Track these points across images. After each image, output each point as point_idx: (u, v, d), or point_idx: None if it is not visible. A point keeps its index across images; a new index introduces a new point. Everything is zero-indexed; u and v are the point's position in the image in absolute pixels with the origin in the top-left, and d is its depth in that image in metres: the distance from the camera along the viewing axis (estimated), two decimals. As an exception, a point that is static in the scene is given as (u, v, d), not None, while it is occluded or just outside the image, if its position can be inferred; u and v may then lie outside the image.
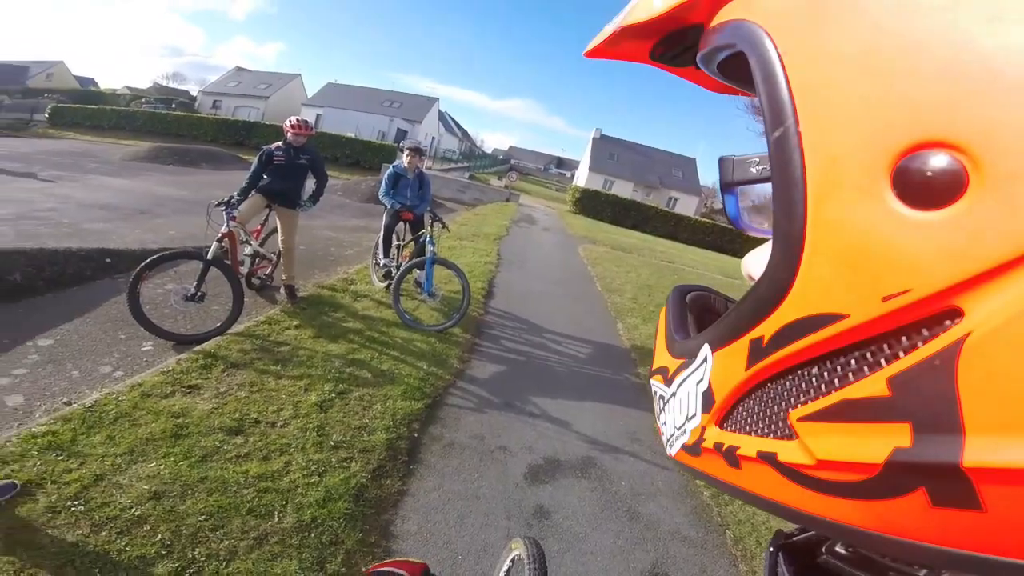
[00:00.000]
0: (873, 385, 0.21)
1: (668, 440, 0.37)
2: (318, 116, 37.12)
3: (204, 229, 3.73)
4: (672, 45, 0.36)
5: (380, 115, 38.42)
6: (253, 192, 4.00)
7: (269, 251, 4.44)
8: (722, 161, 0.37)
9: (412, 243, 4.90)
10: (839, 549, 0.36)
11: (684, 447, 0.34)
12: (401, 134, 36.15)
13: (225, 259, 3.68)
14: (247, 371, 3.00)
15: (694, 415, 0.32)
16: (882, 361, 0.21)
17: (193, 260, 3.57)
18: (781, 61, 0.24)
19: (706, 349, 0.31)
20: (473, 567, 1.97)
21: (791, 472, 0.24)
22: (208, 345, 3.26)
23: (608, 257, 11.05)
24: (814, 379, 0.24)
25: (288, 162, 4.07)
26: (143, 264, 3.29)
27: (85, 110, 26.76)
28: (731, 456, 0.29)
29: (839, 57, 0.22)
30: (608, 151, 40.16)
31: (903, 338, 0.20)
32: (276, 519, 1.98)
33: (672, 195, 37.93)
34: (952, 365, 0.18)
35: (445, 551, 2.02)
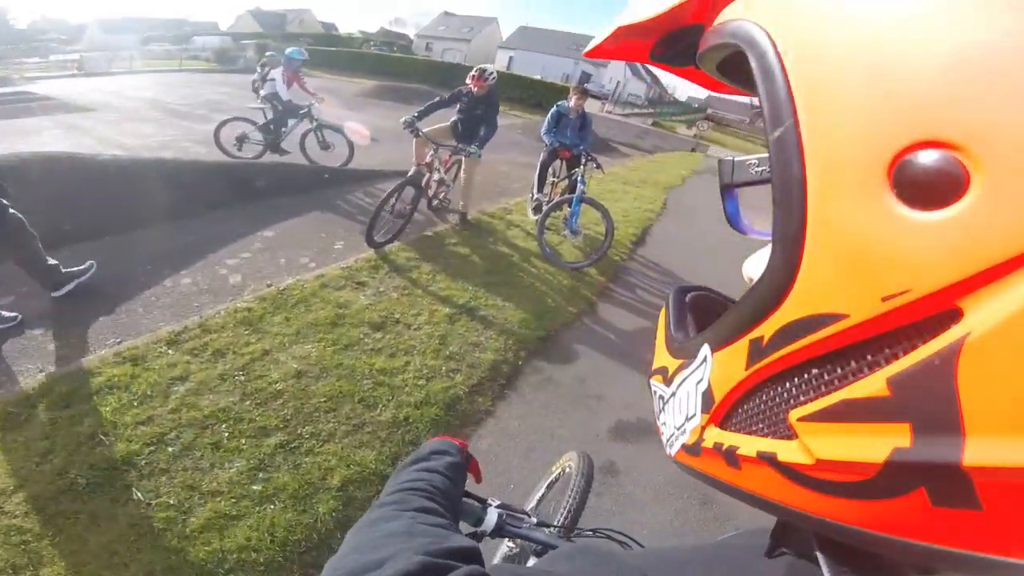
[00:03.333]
0: (873, 385, 0.21)
1: (668, 440, 0.37)
2: (510, 59, 38.49)
3: (411, 155, 4.34)
4: (672, 45, 0.36)
5: (567, 58, 38.33)
6: (423, 137, 4.29)
7: (450, 178, 4.94)
8: (721, 163, 0.37)
9: (567, 180, 4.92)
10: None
11: (684, 447, 0.34)
12: (585, 77, 35.33)
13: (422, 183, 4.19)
14: (404, 276, 3.51)
15: (694, 415, 0.33)
16: (882, 361, 0.21)
17: (414, 188, 4.08)
18: (780, 61, 0.24)
19: (706, 349, 0.31)
20: (520, 499, 1.89)
21: (791, 472, 0.25)
22: (380, 250, 3.88)
23: (801, 225, 9.33)
24: (814, 379, 0.24)
25: (467, 110, 4.39)
26: (392, 190, 3.90)
27: (327, 52, 31.84)
28: (731, 456, 0.29)
29: (839, 57, 0.22)
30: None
31: (903, 338, 0.20)
32: (378, 411, 2.27)
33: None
34: (952, 365, 0.18)
35: (502, 476, 2.09)
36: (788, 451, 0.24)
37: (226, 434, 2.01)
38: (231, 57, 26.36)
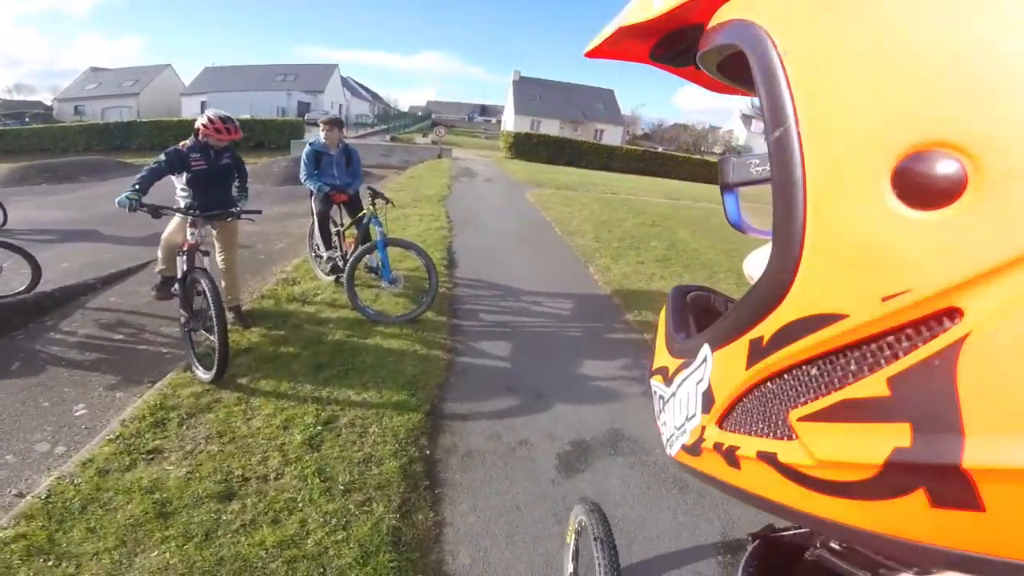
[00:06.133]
0: (873, 385, 0.21)
1: (668, 440, 0.38)
2: (203, 103, 33.56)
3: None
4: (672, 45, 0.36)
5: (275, 91, 35.50)
6: (174, 213, 3.12)
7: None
8: (722, 162, 0.37)
9: (354, 226, 4.32)
10: (833, 544, 0.38)
11: (684, 447, 0.35)
12: (303, 107, 33.48)
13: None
14: (207, 419, 2.55)
15: (694, 415, 0.33)
16: (882, 361, 0.21)
17: (208, 281, 2.89)
18: (781, 61, 0.24)
19: (706, 349, 0.31)
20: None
21: (791, 472, 0.25)
22: (151, 397, 2.73)
23: (557, 199, 10.78)
24: (814, 379, 0.24)
25: (211, 167, 3.25)
26: (183, 302, 2.93)
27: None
28: (731, 456, 0.29)
29: (839, 57, 0.22)
30: (530, 92, 39.85)
31: (903, 338, 0.20)
32: None
33: (597, 127, 38.64)
34: (952, 365, 0.18)
35: (509, 573, 1.82)
36: (788, 451, 0.25)
37: None
38: None
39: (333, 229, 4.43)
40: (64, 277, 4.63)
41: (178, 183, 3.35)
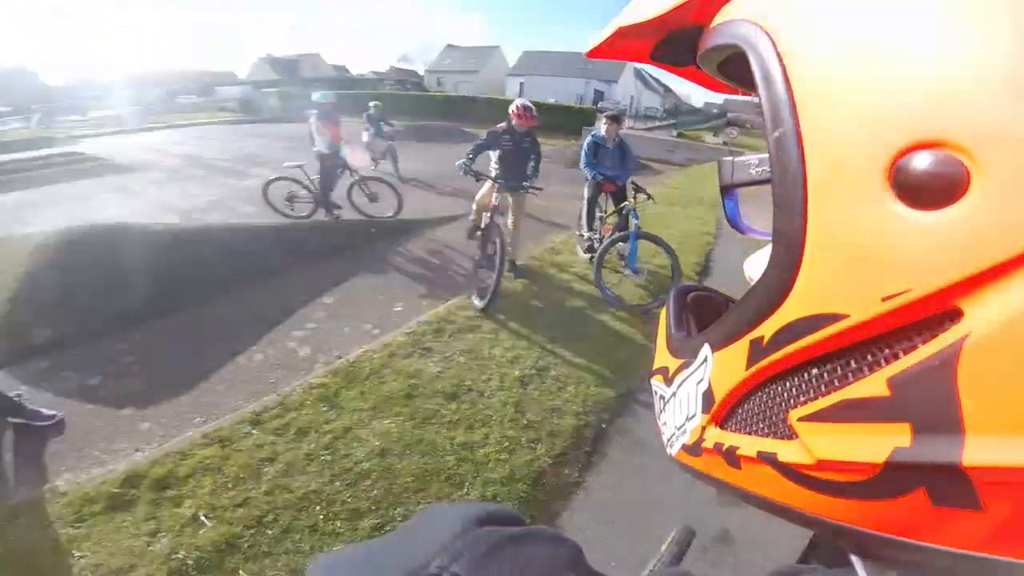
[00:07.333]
0: (873, 385, 0.21)
1: (668, 440, 0.38)
2: (521, 85, 38.43)
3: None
4: (673, 45, 0.36)
5: (576, 78, 37.94)
6: (486, 179, 4.13)
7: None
8: (721, 163, 0.37)
9: (615, 215, 4.70)
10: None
11: (684, 447, 0.34)
12: (598, 95, 35.23)
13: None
14: (467, 338, 3.39)
15: (694, 415, 0.33)
16: (882, 361, 0.21)
17: (499, 237, 3.77)
18: (781, 61, 0.24)
19: (706, 349, 0.31)
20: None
21: (791, 472, 0.25)
22: (441, 310, 3.79)
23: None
24: (814, 379, 0.24)
25: (514, 147, 4.19)
26: (482, 245, 3.89)
27: (349, 95, 29.70)
28: (731, 456, 0.29)
29: (839, 57, 0.22)
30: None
31: (903, 338, 0.20)
32: (465, 490, 2.15)
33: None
34: (952, 365, 0.18)
35: (601, 558, 1.91)
36: (788, 451, 0.25)
37: (321, 516, 1.97)
38: (256, 107, 26.02)
39: (597, 214, 4.94)
40: (415, 213, 6.45)
41: (492, 156, 4.35)
